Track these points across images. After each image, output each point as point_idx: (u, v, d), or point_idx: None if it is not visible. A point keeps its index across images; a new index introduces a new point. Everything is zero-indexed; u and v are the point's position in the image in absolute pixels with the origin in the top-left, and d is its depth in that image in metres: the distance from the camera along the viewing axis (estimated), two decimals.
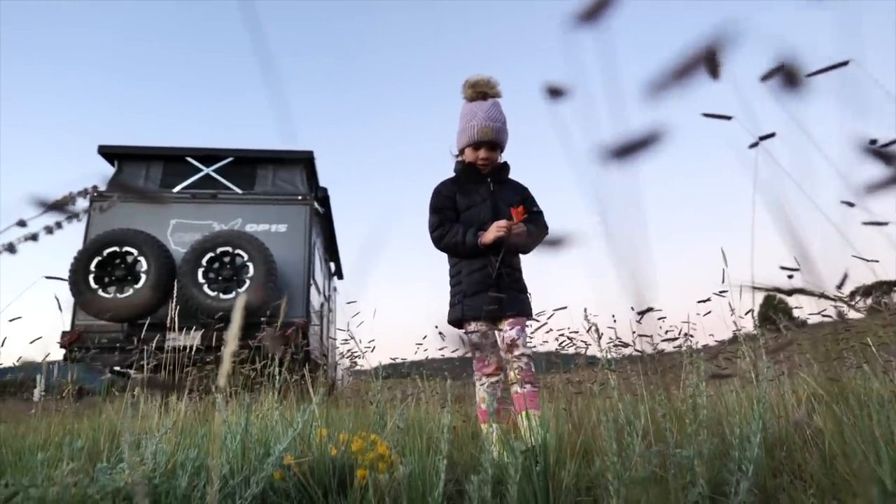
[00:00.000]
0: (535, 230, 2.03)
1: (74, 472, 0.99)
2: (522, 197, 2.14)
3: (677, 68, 0.28)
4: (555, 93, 0.36)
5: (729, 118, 0.75)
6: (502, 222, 1.92)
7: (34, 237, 0.57)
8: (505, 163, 2.18)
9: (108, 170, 6.29)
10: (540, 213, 2.15)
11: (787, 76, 0.34)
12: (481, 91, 2.08)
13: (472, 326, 1.99)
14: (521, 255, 2.13)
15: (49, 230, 0.57)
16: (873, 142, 0.69)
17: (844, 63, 0.62)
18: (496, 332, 2.00)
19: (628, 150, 0.29)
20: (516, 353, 1.89)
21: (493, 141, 2.05)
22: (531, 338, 2.11)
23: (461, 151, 2.14)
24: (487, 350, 1.95)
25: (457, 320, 2.01)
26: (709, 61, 0.29)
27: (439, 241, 2.06)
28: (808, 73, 0.63)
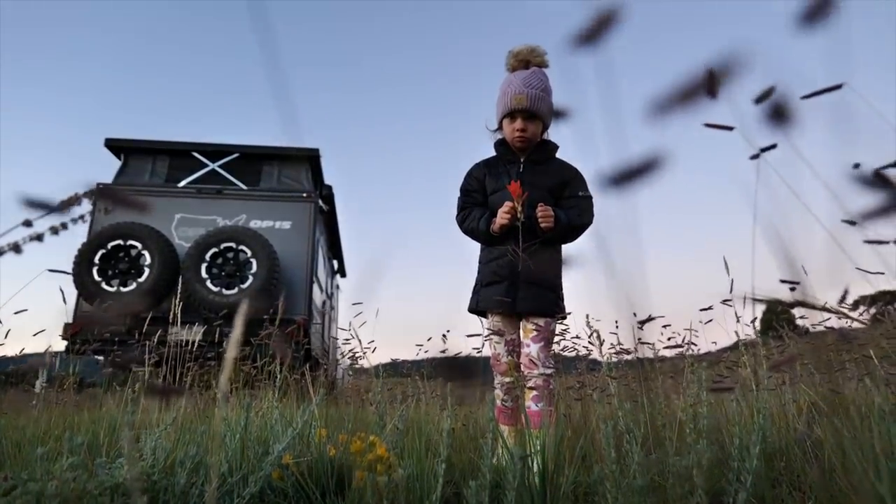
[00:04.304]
0: (567, 217, 1.81)
1: (73, 467, 0.99)
2: (562, 180, 1.91)
3: (679, 92, 0.28)
4: (558, 115, 0.36)
5: (731, 129, 0.74)
6: (506, 205, 1.75)
7: (39, 237, 0.57)
8: (546, 141, 1.96)
9: (115, 163, 6.32)
10: (585, 198, 1.90)
11: (775, 107, 0.34)
12: (523, 60, 1.89)
13: (491, 318, 1.88)
14: (563, 245, 1.91)
15: (55, 231, 0.57)
16: (856, 166, 0.69)
17: (838, 87, 0.61)
18: (520, 329, 1.86)
19: (628, 176, 0.29)
20: (535, 371, 1.74)
21: (528, 110, 1.83)
22: (557, 342, 1.93)
23: (500, 126, 1.95)
24: (500, 349, 1.84)
25: (472, 310, 1.92)
26: (709, 84, 0.29)
27: (461, 226, 1.94)
28: (802, 97, 0.63)
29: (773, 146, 0.66)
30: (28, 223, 0.57)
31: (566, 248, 1.93)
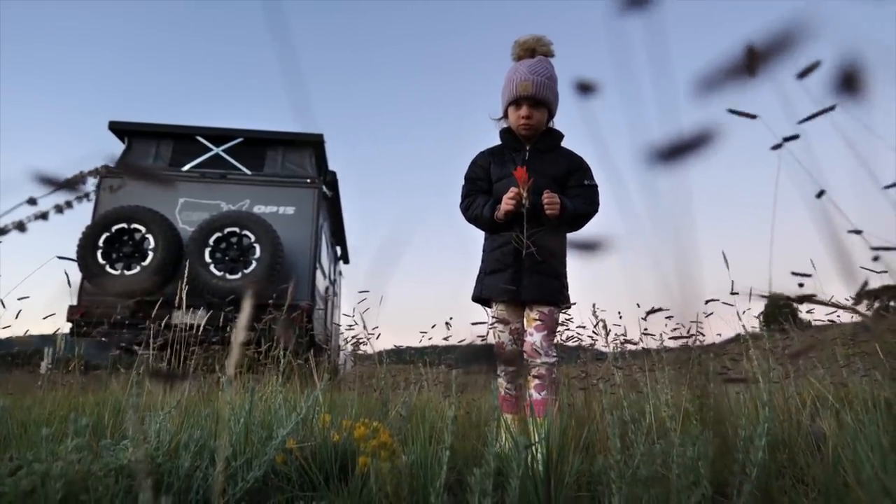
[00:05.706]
0: (573, 205, 1.81)
1: (78, 449, 0.99)
2: (567, 169, 1.91)
3: (733, 65, 0.26)
4: (585, 88, 0.34)
5: (754, 117, 0.72)
6: (511, 191, 1.75)
7: (44, 216, 0.56)
8: (551, 129, 1.96)
9: (119, 146, 6.30)
10: (590, 187, 1.89)
11: (845, 76, 0.32)
12: (529, 48, 1.90)
13: (496, 307, 1.88)
14: (568, 233, 1.90)
15: (59, 209, 0.56)
16: None
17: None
18: (524, 317, 1.85)
19: (678, 151, 0.27)
20: (538, 360, 1.75)
21: (534, 97, 1.83)
22: (560, 332, 1.93)
23: (505, 114, 1.96)
24: (504, 337, 1.84)
25: (476, 298, 1.92)
26: (749, 59, 0.27)
27: (465, 214, 1.94)
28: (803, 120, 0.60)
29: (796, 136, 0.64)
30: (33, 201, 0.56)
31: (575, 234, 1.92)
